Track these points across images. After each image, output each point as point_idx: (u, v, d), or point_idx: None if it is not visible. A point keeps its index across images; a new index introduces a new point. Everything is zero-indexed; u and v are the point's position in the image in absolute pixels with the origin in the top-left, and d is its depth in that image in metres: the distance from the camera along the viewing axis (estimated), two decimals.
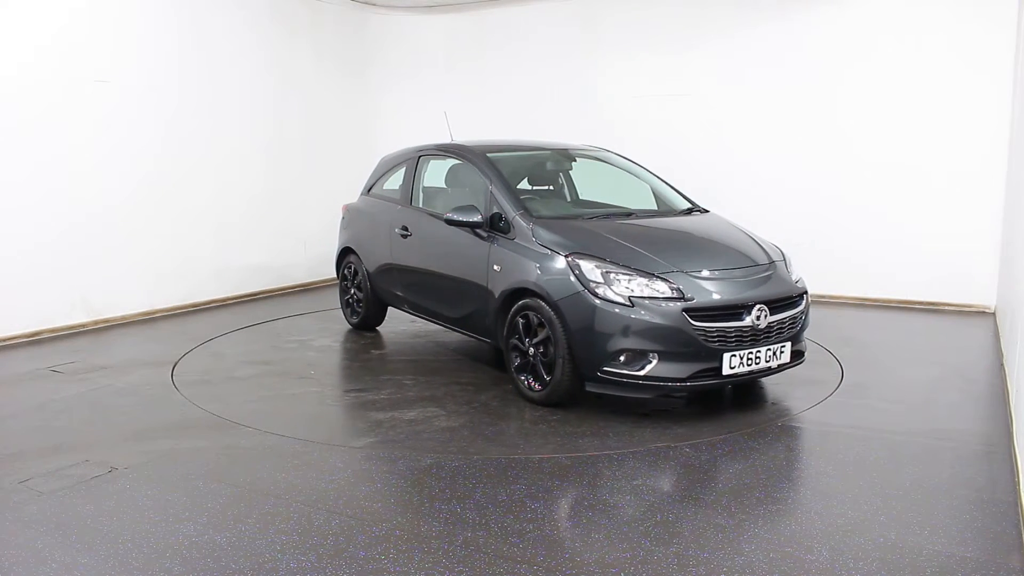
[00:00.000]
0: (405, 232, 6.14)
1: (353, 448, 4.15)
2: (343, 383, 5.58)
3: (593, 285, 4.50)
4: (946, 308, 7.63)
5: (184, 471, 3.85)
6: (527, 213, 5.11)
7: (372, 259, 6.65)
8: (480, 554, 3.01)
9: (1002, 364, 5.60)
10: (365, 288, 6.79)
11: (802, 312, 4.85)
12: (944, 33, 7.42)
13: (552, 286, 4.66)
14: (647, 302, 4.41)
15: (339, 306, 7.34)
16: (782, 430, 4.42)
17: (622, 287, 4.47)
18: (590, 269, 4.55)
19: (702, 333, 4.38)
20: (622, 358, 4.43)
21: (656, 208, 5.79)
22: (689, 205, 5.78)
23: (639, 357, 4.40)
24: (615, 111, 8.98)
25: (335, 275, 7.42)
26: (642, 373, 4.40)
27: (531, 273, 4.82)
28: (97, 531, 3.22)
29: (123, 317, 7.27)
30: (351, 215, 7.14)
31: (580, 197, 6.23)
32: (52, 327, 6.73)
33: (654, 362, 4.38)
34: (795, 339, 4.81)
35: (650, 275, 4.51)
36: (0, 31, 6.26)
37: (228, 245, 8.29)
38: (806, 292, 4.96)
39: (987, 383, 5.25)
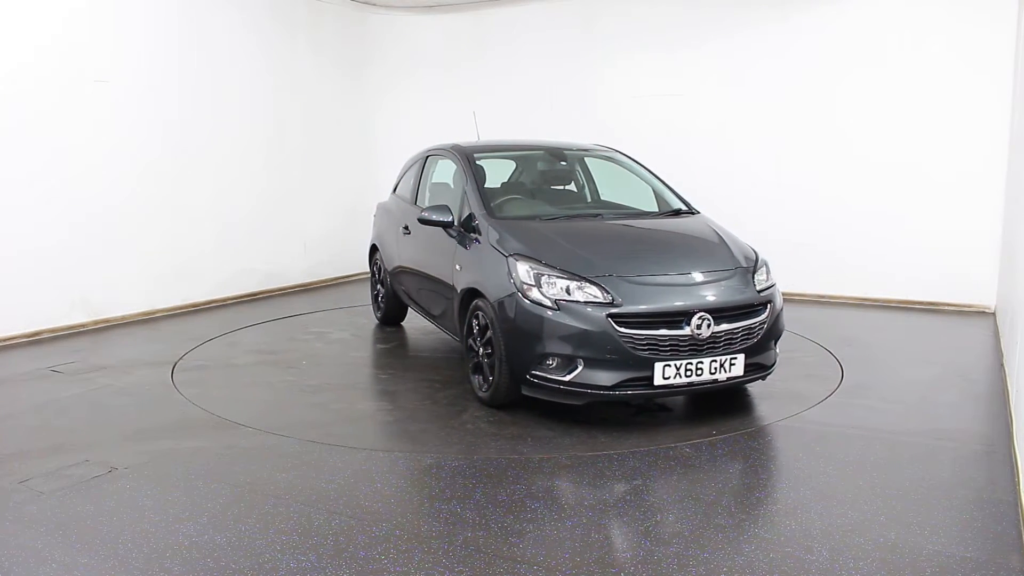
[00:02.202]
0: (407, 231, 6.26)
1: (352, 448, 4.15)
2: (323, 374, 5.68)
3: (525, 287, 4.43)
4: (946, 308, 7.63)
5: (184, 471, 3.85)
6: (489, 214, 5.11)
7: (388, 256, 6.82)
8: (480, 554, 3.01)
9: (1002, 364, 5.60)
10: (385, 284, 6.93)
11: (762, 323, 4.52)
12: (944, 33, 7.42)
13: (492, 287, 4.66)
14: (573, 306, 4.28)
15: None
16: (782, 430, 4.42)
17: (553, 290, 4.36)
18: (525, 271, 4.49)
19: (629, 340, 4.19)
20: (550, 362, 4.33)
21: (644, 209, 5.68)
22: (679, 206, 5.64)
23: (568, 362, 4.29)
24: (615, 111, 8.98)
25: (368, 270, 7.70)
26: (567, 379, 4.29)
27: (479, 273, 4.84)
28: (97, 531, 3.22)
29: (123, 317, 7.27)
30: (378, 213, 7.31)
31: (601, 198, 6.10)
32: (52, 327, 6.73)
33: (579, 368, 4.25)
34: (754, 351, 4.49)
35: (582, 278, 4.37)
36: (0, 31, 6.26)
37: (228, 245, 8.30)
38: (771, 302, 4.62)
39: (987, 383, 5.25)
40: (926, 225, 7.66)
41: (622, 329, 4.21)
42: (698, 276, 4.55)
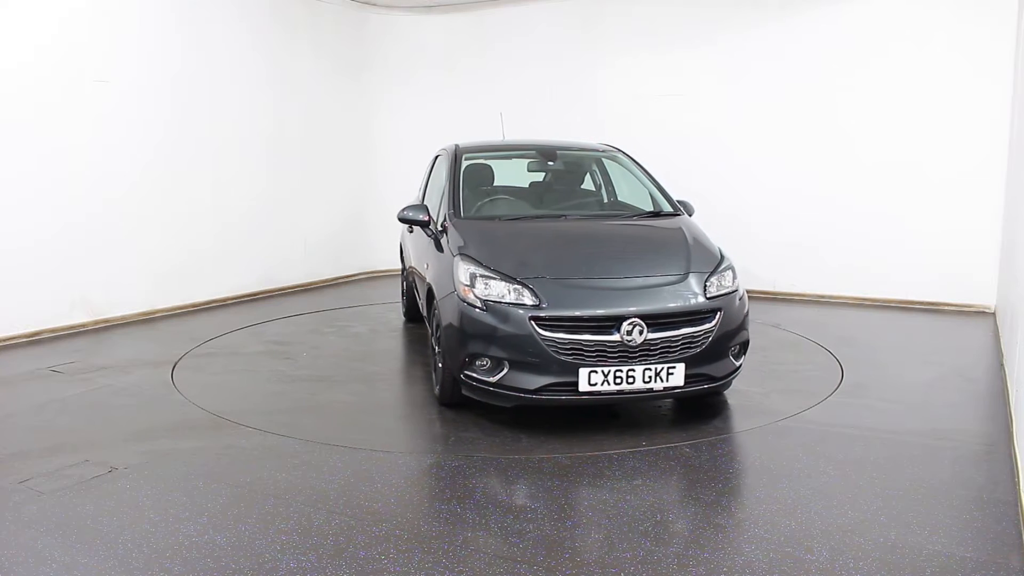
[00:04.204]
0: (410, 229, 6.37)
1: (352, 448, 4.15)
2: (315, 366, 5.88)
3: (462, 287, 4.42)
4: (946, 308, 7.63)
5: (184, 471, 3.85)
6: (455, 214, 5.13)
7: (405, 254, 6.94)
8: (480, 554, 3.01)
9: (1002, 364, 5.60)
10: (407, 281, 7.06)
11: (708, 331, 4.29)
12: (944, 33, 7.43)
13: (439, 286, 4.72)
14: (501, 307, 4.23)
15: None
16: (782, 430, 4.41)
17: (487, 291, 4.32)
18: (464, 271, 4.48)
19: (552, 344, 4.11)
20: (482, 363, 4.30)
21: (627, 210, 5.58)
22: (663, 207, 5.47)
23: (497, 364, 4.25)
24: (615, 111, 8.98)
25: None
26: (493, 380, 4.26)
27: (437, 272, 4.89)
28: (97, 531, 3.22)
29: (123, 317, 7.27)
30: None
31: (618, 198, 5.96)
32: (52, 327, 6.73)
33: (505, 370, 4.22)
34: (700, 360, 4.26)
35: (513, 280, 4.30)
36: (0, 30, 6.26)
37: (228, 245, 8.30)
38: (719, 309, 4.35)
39: (987, 383, 5.25)
40: (926, 225, 7.66)
41: (544, 332, 4.14)
42: (639, 280, 4.39)
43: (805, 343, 6.33)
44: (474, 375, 4.35)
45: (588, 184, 6.14)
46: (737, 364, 4.56)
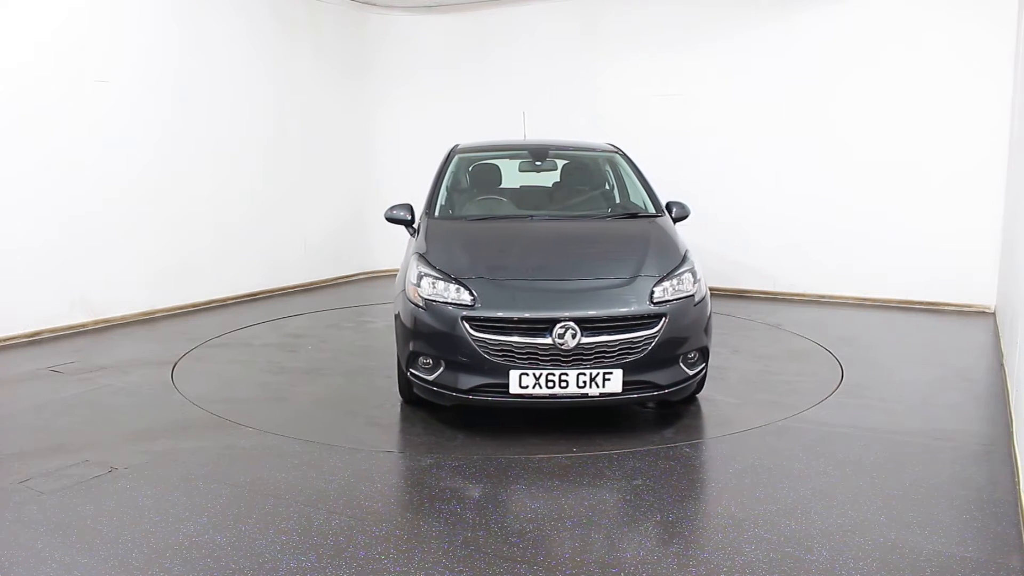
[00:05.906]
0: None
1: (352, 448, 4.15)
2: (311, 358, 6.05)
3: (410, 286, 4.44)
4: (946, 308, 7.63)
5: (184, 471, 3.85)
6: (428, 213, 5.14)
7: None
8: (480, 554, 3.01)
9: (1002, 364, 5.60)
10: None
11: (650, 337, 4.13)
12: (944, 33, 7.43)
13: (397, 283, 4.79)
14: (438, 306, 4.23)
15: None
16: (782, 430, 4.41)
17: (431, 290, 4.32)
18: (413, 270, 4.50)
19: (482, 344, 4.10)
20: (425, 361, 4.31)
21: (603, 212, 5.46)
22: (646, 209, 5.32)
23: (436, 363, 4.26)
24: (615, 110, 8.98)
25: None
26: (431, 379, 4.28)
27: (401, 269, 4.93)
28: (97, 531, 3.22)
29: (123, 317, 7.27)
30: None
31: (630, 199, 5.75)
32: (52, 327, 6.73)
33: (441, 369, 4.24)
34: (642, 367, 4.12)
35: (453, 279, 4.31)
36: (1, 30, 6.26)
37: (228, 245, 8.30)
38: (664, 315, 4.19)
39: (987, 383, 5.25)
40: (926, 225, 7.67)
41: (476, 333, 4.13)
42: (581, 283, 4.31)
43: (805, 343, 6.32)
44: (417, 373, 4.38)
45: (601, 185, 6.07)
46: (690, 372, 4.34)
